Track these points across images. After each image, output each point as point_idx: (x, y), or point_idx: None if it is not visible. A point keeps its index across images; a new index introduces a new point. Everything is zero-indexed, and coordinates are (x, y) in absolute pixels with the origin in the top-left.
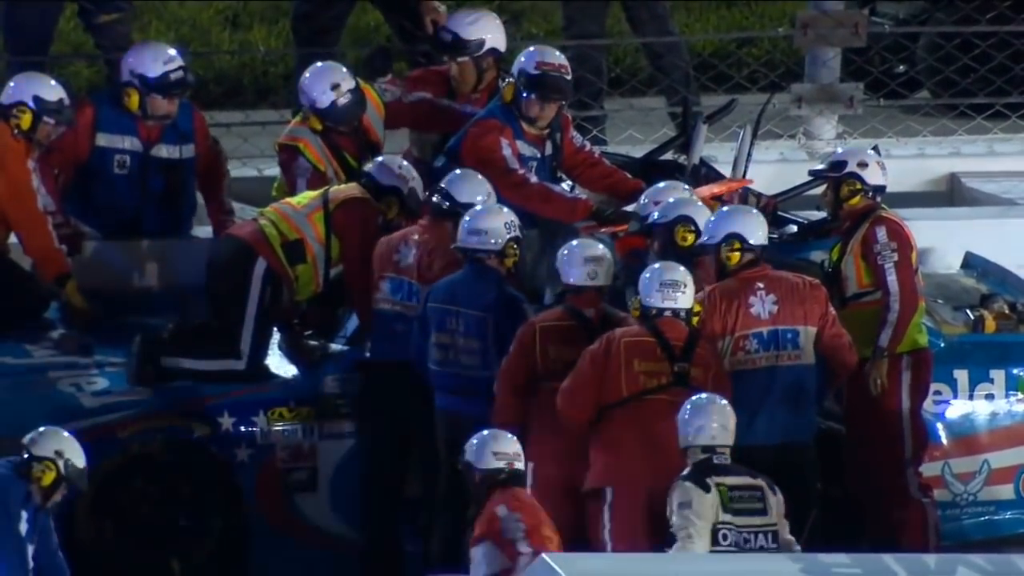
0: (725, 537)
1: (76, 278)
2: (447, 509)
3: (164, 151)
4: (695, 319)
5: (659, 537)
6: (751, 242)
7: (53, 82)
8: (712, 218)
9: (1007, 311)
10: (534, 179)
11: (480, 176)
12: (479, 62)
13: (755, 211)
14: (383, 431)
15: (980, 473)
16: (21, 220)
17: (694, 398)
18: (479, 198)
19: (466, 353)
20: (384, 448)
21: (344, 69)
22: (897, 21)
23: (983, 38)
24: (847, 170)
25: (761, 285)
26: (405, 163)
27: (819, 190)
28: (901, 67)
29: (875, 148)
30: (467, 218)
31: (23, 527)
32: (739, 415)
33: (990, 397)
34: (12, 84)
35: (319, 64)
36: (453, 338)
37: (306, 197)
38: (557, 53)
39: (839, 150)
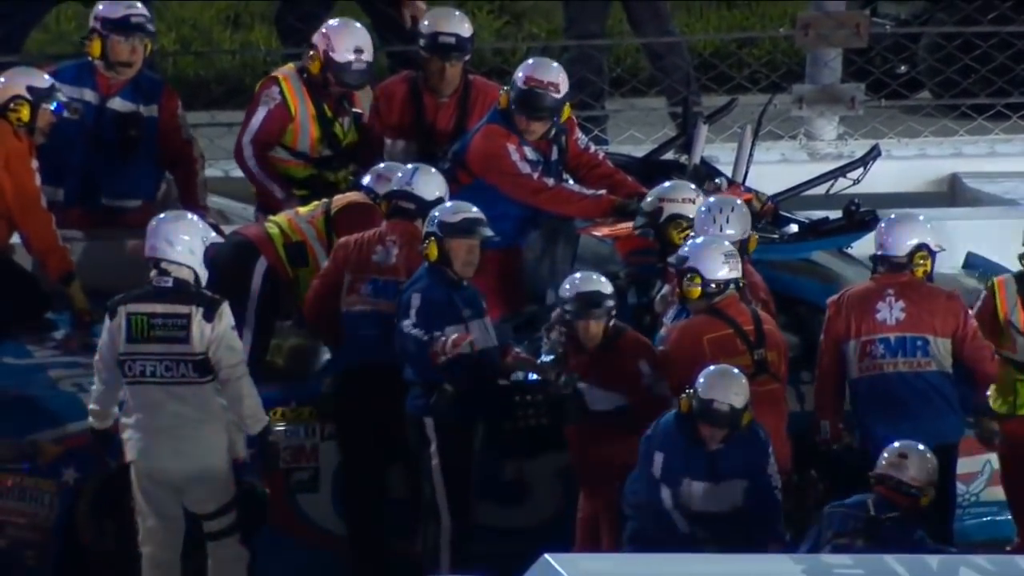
0: (131, 368)
1: (80, 277)
2: (431, 511)
3: (121, 104)
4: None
5: None
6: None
7: (45, 75)
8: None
9: None
10: (550, 182)
11: (435, 171)
12: (466, 62)
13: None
14: (364, 435)
15: (982, 474)
16: (26, 218)
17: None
18: (437, 194)
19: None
20: (365, 452)
21: (369, 38)
22: (898, 21)
23: (984, 38)
24: None
25: (892, 291)
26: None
27: (819, 189)
28: (902, 68)
29: (876, 148)
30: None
31: (657, 464)
32: (873, 418)
33: None
34: (2, 80)
35: (356, 23)
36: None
37: (311, 205)
38: (553, 67)
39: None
